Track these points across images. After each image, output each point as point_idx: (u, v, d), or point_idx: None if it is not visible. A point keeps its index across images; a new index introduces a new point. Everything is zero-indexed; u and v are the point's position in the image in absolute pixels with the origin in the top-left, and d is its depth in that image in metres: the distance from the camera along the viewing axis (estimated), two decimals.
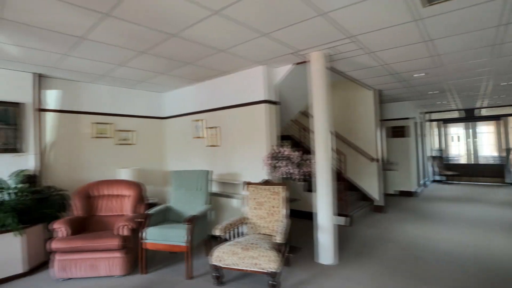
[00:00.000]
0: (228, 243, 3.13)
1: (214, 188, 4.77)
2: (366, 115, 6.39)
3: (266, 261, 2.82)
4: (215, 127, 4.83)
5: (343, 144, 6.51)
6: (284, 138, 6.49)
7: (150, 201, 4.93)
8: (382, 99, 6.90)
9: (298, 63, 4.13)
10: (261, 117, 4.24)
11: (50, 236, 3.56)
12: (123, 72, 4.37)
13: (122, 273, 3.38)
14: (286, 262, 3.50)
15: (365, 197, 6.37)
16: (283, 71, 4.30)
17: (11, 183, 3.80)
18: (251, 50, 3.59)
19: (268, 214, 3.62)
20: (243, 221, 3.64)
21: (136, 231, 3.56)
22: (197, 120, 5.15)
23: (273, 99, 4.35)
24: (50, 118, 4.50)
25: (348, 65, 4.33)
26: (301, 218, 5.38)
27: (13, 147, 4.01)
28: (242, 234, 3.58)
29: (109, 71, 4.27)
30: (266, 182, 3.82)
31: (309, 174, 3.89)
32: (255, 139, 4.32)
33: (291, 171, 3.87)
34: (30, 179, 3.99)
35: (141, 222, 3.59)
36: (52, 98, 4.53)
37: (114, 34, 3.02)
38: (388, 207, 6.50)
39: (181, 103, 5.56)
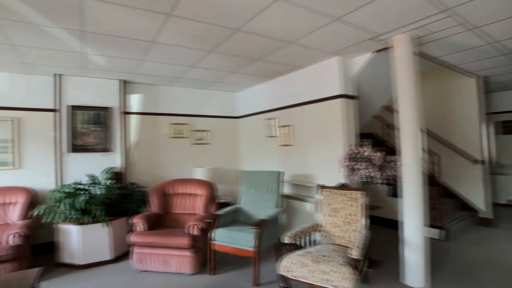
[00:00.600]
0: (297, 252, 2.85)
1: (286, 190, 4.53)
2: (466, 108, 5.30)
3: (339, 278, 2.45)
4: (288, 126, 4.59)
5: (437, 143, 5.54)
6: (365, 136, 5.88)
7: (223, 201, 4.98)
8: (488, 88, 5.66)
9: (378, 51, 3.59)
10: (337, 114, 3.83)
11: (130, 229, 3.83)
12: (195, 74, 4.47)
13: (191, 272, 3.41)
14: (364, 278, 3.05)
15: (466, 207, 5.30)
16: (361, 61, 3.80)
17: (101, 179, 4.23)
18: (322, 39, 3.22)
19: (344, 222, 3.20)
20: (315, 228, 3.30)
21: (206, 231, 3.56)
22: (270, 119, 4.98)
23: (350, 93, 3.88)
24: (133, 120, 4.90)
25: (442, 48, 3.57)
26: (383, 226, 4.74)
27: (103, 146, 4.47)
28: (315, 242, 3.25)
29: (182, 73, 4.41)
30: (342, 186, 3.40)
31: (393, 177, 3.34)
32: (330, 138, 3.92)
33: (372, 174, 3.38)
34: (116, 176, 4.39)
35: (210, 222, 3.58)
36: (135, 101, 4.92)
37: (179, 35, 3.03)
38: (498, 220, 5.29)
39: (253, 102, 5.48)
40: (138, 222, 3.69)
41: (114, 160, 4.55)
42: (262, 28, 2.90)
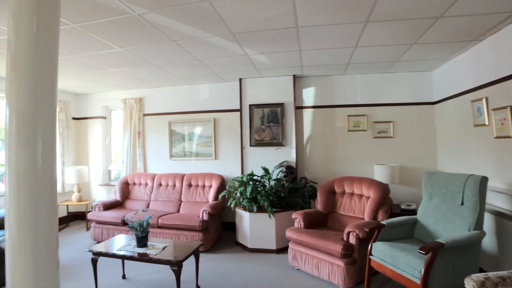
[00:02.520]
0: None
1: (500, 204, 2.99)
2: None
3: None
4: (505, 107, 3.00)
5: None
6: None
7: (405, 207, 4.01)
8: None
9: None
10: None
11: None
12: (362, 55, 3.80)
13: (342, 286, 2.91)
14: None
15: None
16: None
17: (275, 172, 4.47)
18: None
19: None
20: None
21: (366, 241, 2.94)
22: (477, 100, 3.47)
23: None
24: (307, 115, 4.85)
25: None
26: None
27: (278, 141, 4.71)
28: None
29: (346, 57, 3.88)
30: None
31: None
32: None
33: None
34: (289, 170, 4.50)
35: (371, 232, 2.92)
36: (308, 95, 4.85)
37: (315, 12, 2.62)
38: None
39: (454, 80, 4.00)
40: (296, 218, 3.60)
41: (288, 154, 4.69)
42: None
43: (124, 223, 4.11)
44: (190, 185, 4.76)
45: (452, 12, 2.64)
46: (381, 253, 2.68)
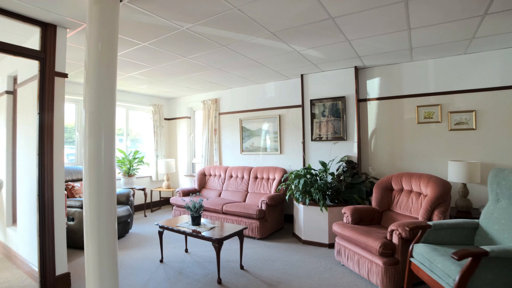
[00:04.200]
0: None
1: None
2: None
3: None
4: None
5: None
6: None
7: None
8: None
9: None
10: None
11: None
12: (423, 37, 3.40)
13: (380, 286, 2.74)
14: None
15: None
16: None
17: (335, 166, 4.40)
18: None
19: None
20: None
21: (410, 242, 2.71)
22: None
23: None
24: (371, 107, 4.56)
25: None
26: None
27: (339, 135, 4.60)
28: None
29: (405, 42, 3.53)
30: None
31: None
32: None
33: None
34: (349, 165, 4.35)
35: (415, 233, 2.67)
36: (372, 87, 4.56)
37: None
38: None
39: None
40: (345, 213, 3.53)
41: (350, 149, 4.53)
42: None
43: None
44: (256, 177, 5.13)
45: None
46: (421, 256, 2.44)
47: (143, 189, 5.58)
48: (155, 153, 6.32)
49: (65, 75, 3.06)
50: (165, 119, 6.81)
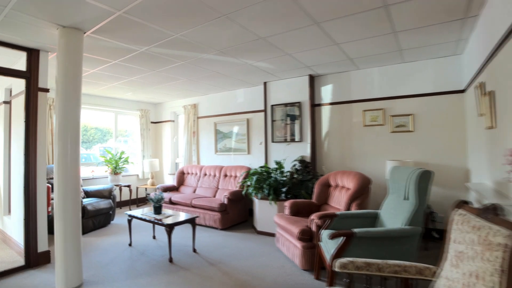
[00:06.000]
0: None
1: None
2: None
3: None
4: (489, 93, 2.69)
5: None
6: None
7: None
8: None
9: None
10: None
11: None
12: (355, 50, 3.87)
13: (300, 267, 3.26)
14: None
15: None
16: None
17: (290, 165, 4.92)
18: None
19: (456, 286, 1.62)
20: (422, 273, 1.94)
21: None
22: (476, 86, 3.10)
23: None
24: (324, 112, 5.05)
25: None
26: None
27: (295, 137, 5.10)
28: None
29: (340, 54, 4.01)
30: (485, 211, 1.71)
31: None
32: None
33: None
34: (303, 164, 4.85)
35: (325, 221, 3.17)
36: (326, 93, 5.04)
37: (273, 24, 3.08)
38: None
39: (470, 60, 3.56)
40: (286, 205, 4.04)
41: (305, 149, 5.02)
42: None
43: (170, 201, 5.40)
44: (226, 175, 5.70)
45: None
46: (324, 239, 2.95)
47: (129, 186, 6.26)
48: (142, 153, 7.01)
49: (47, 90, 3.72)
50: (152, 122, 7.48)
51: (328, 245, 2.70)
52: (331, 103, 5.00)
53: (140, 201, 7.06)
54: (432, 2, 2.68)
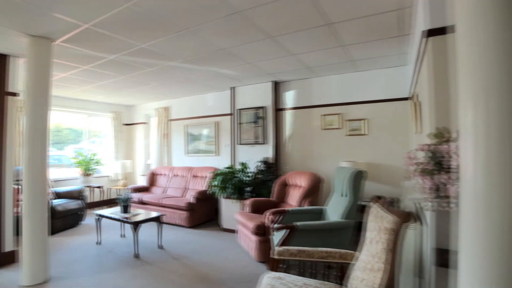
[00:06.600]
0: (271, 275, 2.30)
1: None
2: None
3: None
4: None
5: None
6: None
7: (364, 203, 4.23)
8: None
9: None
10: None
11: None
12: (311, 59, 4.22)
13: (256, 259, 3.57)
14: None
15: None
16: None
17: (254, 166, 5.23)
18: None
19: (365, 265, 1.96)
20: (345, 257, 2.28)
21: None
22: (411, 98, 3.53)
23: None
24: (287, 116, 5.40)
25: None
26: None
27: (260, 140, 5.42)
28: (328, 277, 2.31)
29: (297, 63, 4.36)
30: (387, 203, 2.07)
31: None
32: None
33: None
34: (266, 164, 5.18)
35: (278, 217, 3.49)
36: (289, 98, 5.40)
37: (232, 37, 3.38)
38: None
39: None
40: (246, 204, 4.34)
41: (269, 151, 5.35)
42: None
43: (141, 201, 5.59)
44: (195, 176, 5.95)
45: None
46: (274, 233, 3.27)
47: (100, 187, 6.38)
48: (115, 155, 7.13)
49: (15, 94, 3.85)
50: (125, 124, 7.61)
51: (277, 238, 3.02)
52: (294, 108, 5.36)
53: (111, 202, 7.15)
54: (369, 21, 3.05)
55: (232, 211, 4.79)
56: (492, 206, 1.15)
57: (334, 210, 3.16)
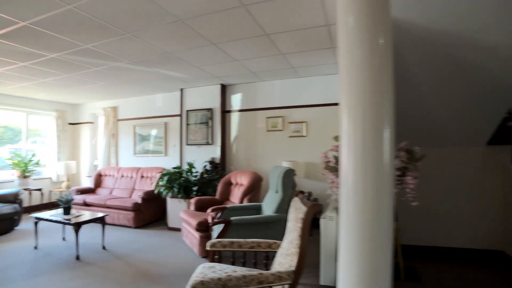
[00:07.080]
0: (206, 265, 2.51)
1: None
2: None
3: None
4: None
5: None
6: None
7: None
8: None
9: None
10: None
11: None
12: (254, 65, 4.50)
13: (198, 254, 3.75)
14: None
15: None
16: None
17: (201, 166, 5.39)
18: None
19: (285, 251, 2.25)
20: (272, 246, 2.55)
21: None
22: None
23: None
24: (234, 118, 5.65)
25: None
26: None
27: (207, 141, 5.60)
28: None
29: (241, 68, 4.63)
30: (305, 197, 2.39)
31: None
32: None
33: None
34: (212, 164, 5.37)
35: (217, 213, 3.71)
36: (236, 101, 5.65)
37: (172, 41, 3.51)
38: None
39: None
40: (191, 202, 4.49)
41: (215, 151, 5.55)
42: None
43: (85, 203, 5.46)
44: (142, 176, 5.95)
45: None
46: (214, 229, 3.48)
47: (40, 190, 6.08)
48: (57, 156, 6.82)
49: None
50: (70, 123, 7.31)
51: (216, 233, 3.24)
52: (240, 110, 5.62)
53: (53, 205, 6.82)
54: (302, 34, 3.40)
55: (179, 210, 4.89)
56: (358, 192, 1.51)
57: (269, 205, 3.45)
